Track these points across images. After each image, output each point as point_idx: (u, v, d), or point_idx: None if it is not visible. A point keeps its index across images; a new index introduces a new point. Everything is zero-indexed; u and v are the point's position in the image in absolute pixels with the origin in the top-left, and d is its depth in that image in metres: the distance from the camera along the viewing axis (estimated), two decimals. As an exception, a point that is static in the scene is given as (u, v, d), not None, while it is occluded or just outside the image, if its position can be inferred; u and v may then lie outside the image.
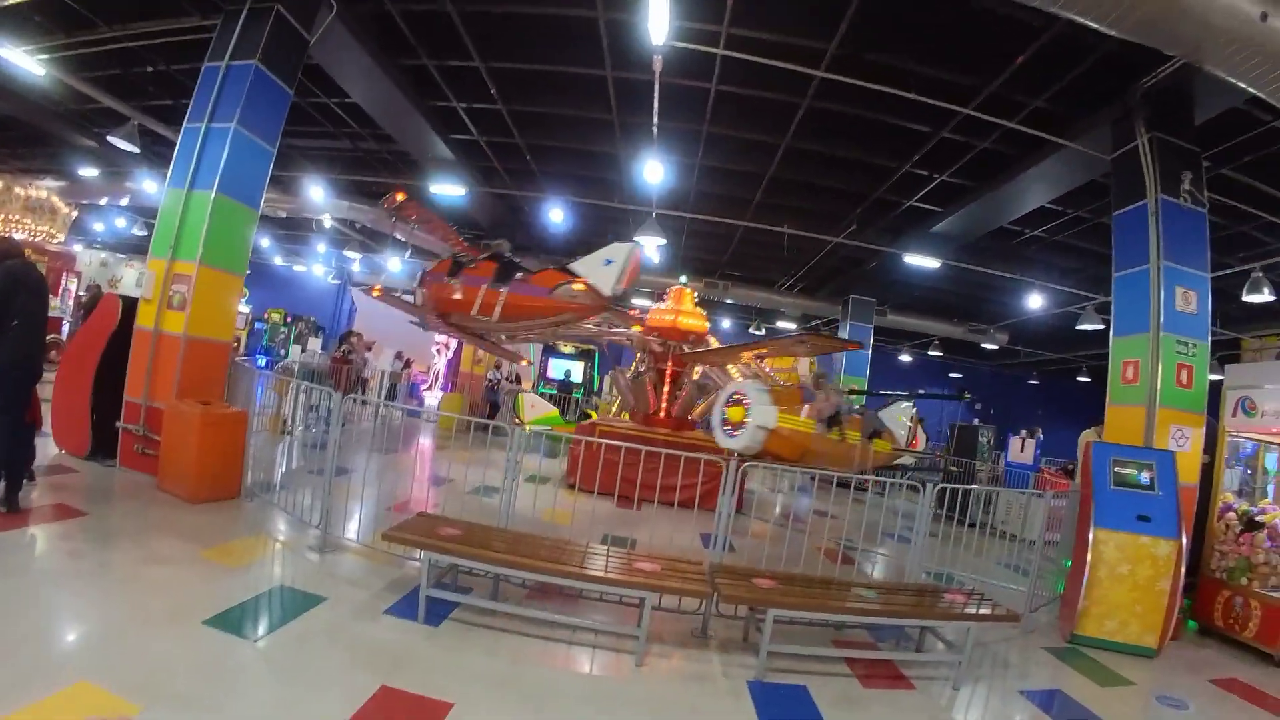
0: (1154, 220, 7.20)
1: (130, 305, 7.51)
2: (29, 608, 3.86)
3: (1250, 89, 6.10)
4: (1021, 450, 14.11)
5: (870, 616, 4.95)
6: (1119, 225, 7.77)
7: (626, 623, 4.54)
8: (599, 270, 7.36)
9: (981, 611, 4.84)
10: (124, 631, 3.77)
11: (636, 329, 11.55)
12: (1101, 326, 14.39)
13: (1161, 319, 7.06)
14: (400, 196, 8.44)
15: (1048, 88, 8.25)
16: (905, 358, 28.56)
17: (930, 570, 7.42)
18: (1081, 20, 5.70)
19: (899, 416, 10.68)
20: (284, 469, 8.42)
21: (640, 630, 4.44)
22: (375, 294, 9.08)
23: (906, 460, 11.20)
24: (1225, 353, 16.11)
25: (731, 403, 7.66)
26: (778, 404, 7.71)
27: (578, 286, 7.29)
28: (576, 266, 7.55)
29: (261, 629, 4.09)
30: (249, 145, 7.63)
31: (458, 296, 7.80)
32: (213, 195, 7.32)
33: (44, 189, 16.88)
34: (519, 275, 7.73)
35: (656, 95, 8.76)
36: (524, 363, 16.54)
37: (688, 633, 5.03)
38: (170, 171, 7.72)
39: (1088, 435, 9.79)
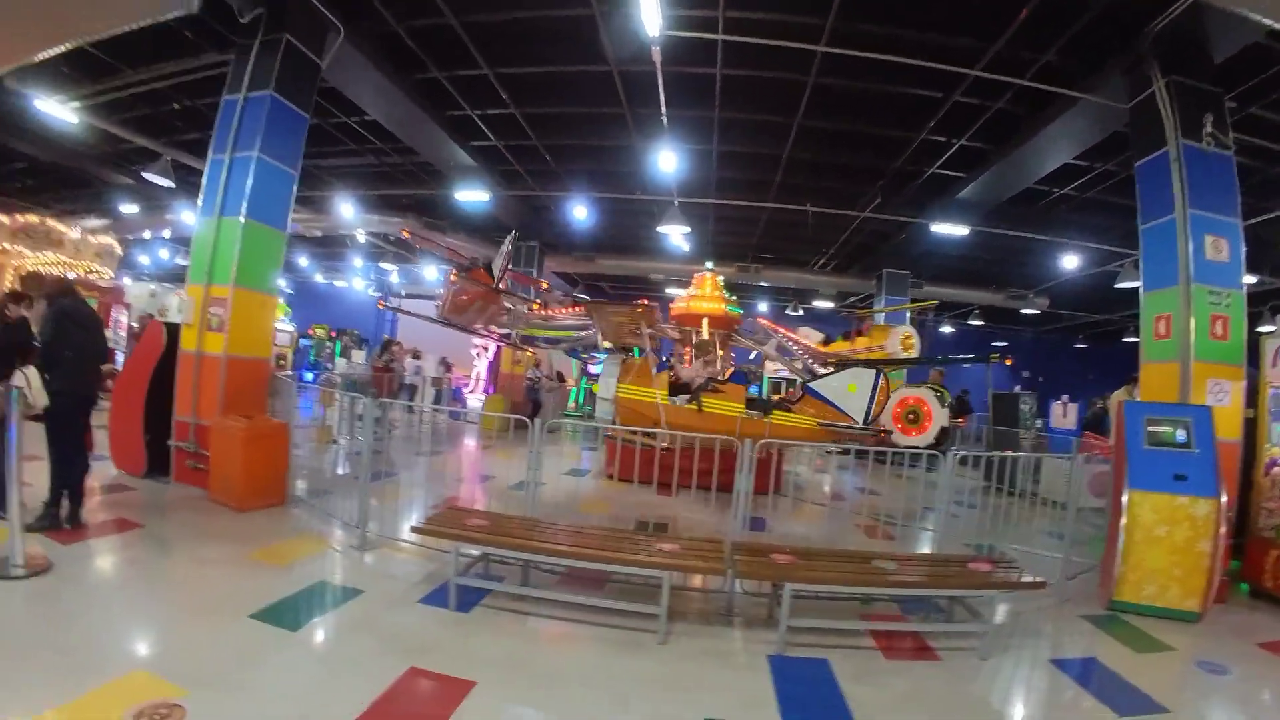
0: (1176, 167, 6.97)
1: (174, 331, 7.93)
2: (92, 607, 4.26)
3: (1266, 20, 5.90)
4: (1064, 416, 13.80)
5: (888, 588, 4.98)
6: (1141, 175, 7.55)
7: (653, 604, 4.64)
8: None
9: (1004, 579, 4.80)
10: (176, 626, 4.17)
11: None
12: (1140, 284, 13.96)
13: (1191, 269, 6.84)
14: (405, 234, 9.18)
15: (1055, 41, 8.05)
16: (947, 329, 28.02)
17: (972, 542, 7.36)
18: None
19: (849, 386, 8.92)
20: (329, 475, 8.74)
21: (660, 609, 4.54)
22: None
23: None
24: (1278, 302, 15.52)
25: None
26: (625, 378, 8.44)
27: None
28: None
29: (302, 620, 4.38)
30: (272, 170, 7.94)
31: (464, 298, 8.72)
32: (241, 221, 7.66)
33: (99, 232, 17.67)
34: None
35: (661, 86, 8.81)
36: (529, 353, 16.96)
37: (713, 612, 5.12)
38: (200, 202, 8.11)
39: (1118, 395, 9.53)
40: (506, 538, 4.87)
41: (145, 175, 12.65)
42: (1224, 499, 5.69)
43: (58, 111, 10.71)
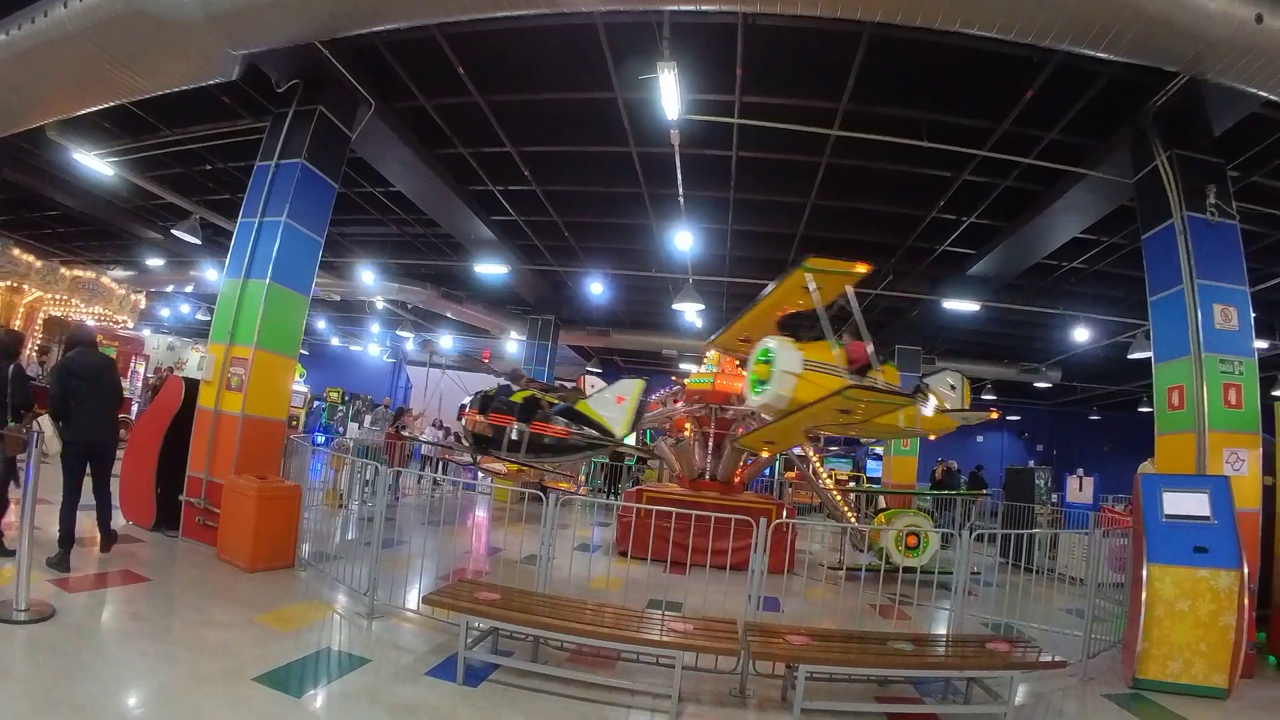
0: (1182, 239, 7.07)
1: (192, 386, 8.02)
2: (91, 659, 4.22)
3: (1261, 93, 6.08)
4: (1080, 490, 13.60)
5: (904, 669, 4.86)
6: (1149, 248, 7.65)
7: (665, 684, 4.54)
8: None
9: (1023, 660, 4.68)
10: (176, 685, 4.08)
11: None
12: (1151, 355, 13.93)
13: (1202, 339, 6.85)
14: (485, 357, 9.13)
15: (1059, 120, 8.30)
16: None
17: (989, 621, 7.20)
18: (1073, 49, 5.82)
19: (947, 379, 9.19)
20: (338, 540, 8.68)
21: (673, 689, 4.44)
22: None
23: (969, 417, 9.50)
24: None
25: (758, 362, 7.70)
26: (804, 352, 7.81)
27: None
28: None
29: (306, 687, 4.29)
30: (298, 236, 8.16)
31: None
32: (267, 284, 7.83)
33: (92, 269, 18.01)
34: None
35: (679, 167, 9.11)
36: None
37: (726, 693, 4.98)
38: (227, 262, 8.31)
39: (1145, 467, 9.40)
40: (518, 613, 4.79)
41: (174, 231, 13.01)
42: (1246, 570, 5.57)
43: (94, 164, 11.07)
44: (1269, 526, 6.61)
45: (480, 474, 12.91)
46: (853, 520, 11.25)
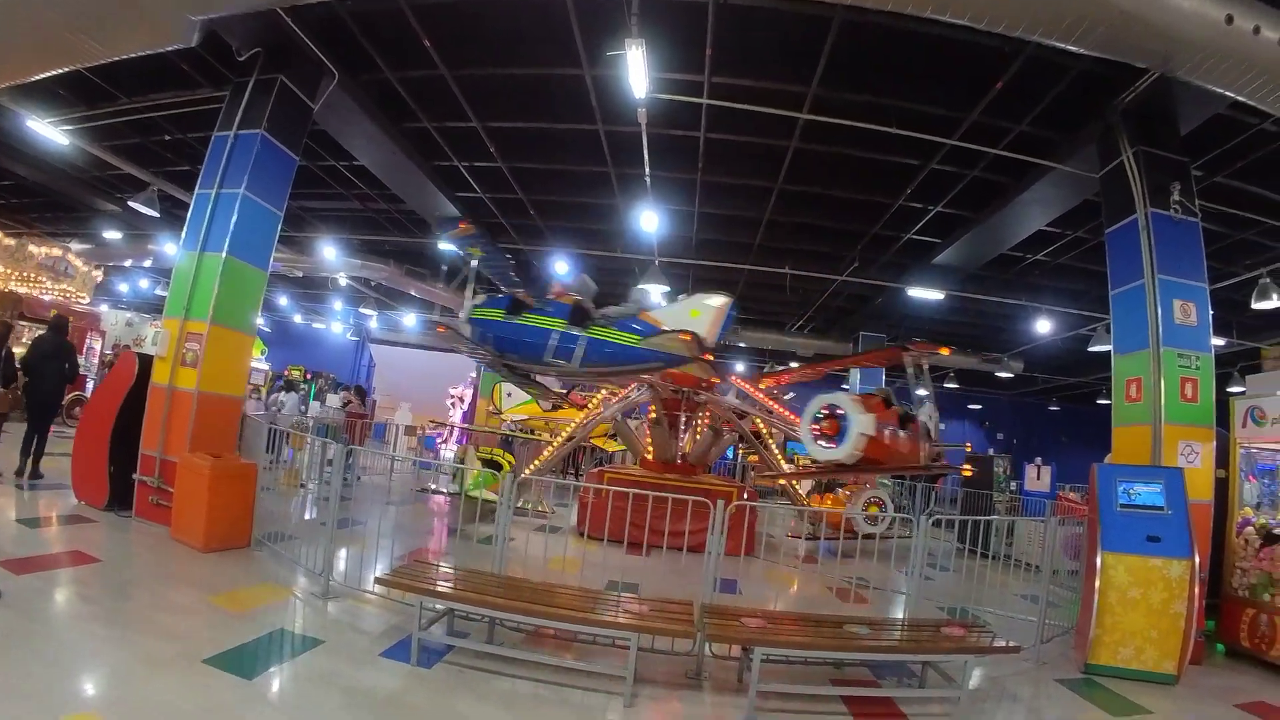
0: (1145, 234, 7.18)
1: (146, 362, 7.81)
2: (39, 643, 4.08)
3: (1229, 93, 6.16)
4: (1038, 478, 13.87)
5: (859, 653, 4.90)
6: (1112, 242, 7.76)
7: (621, 666, 4.51)
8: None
9: (977, 644, 4.74)
10: (129, 669, 3.98)
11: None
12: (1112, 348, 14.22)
13: (1161, 333, 6.99)
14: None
15: (1029, 112, 8.36)
16: (921, 392, 28.24)
17: (946, 606, 7.31)
18: (1044, 40, 5.84)
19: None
20: (295, 520, 8.53)
21: (627, 672, 4.42)
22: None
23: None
24: (1246, 363, 15.83)
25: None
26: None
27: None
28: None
29: (259, 669, 4.20)
30: (257, 209, 7.94)
31: (905, 451, 7.89)
32: (223, 258, 7.62)
33: (57, 247, 17.49)
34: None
35: (645, 147, 9.01)
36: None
37: (682, 674, 4.97)
38: (183, 235, 8.06)
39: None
40: (473, 594, 4.74)
41: (131, 203, 12.65)
42: (1197, 559, 5.71)
43: (49, 132, 10.71)
44: (1220, 518, 6.80)
45: (438, 454, 12.81)
46: (806, 503, 11.42)
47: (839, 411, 7.54)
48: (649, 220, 11.21)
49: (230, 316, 7.78)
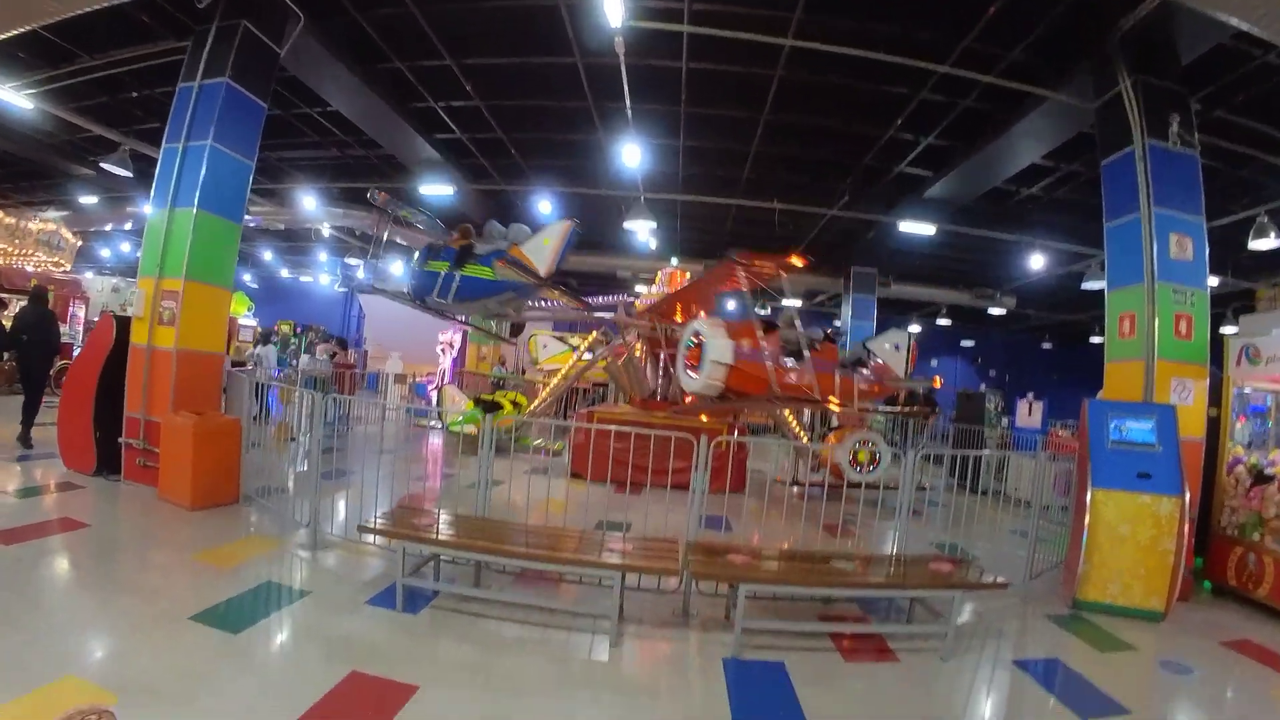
0: (1142, 166, 6.97)
1: (124, 324, 7.70)
2: (29, 611, 4.07)
3: (1233, 20, 5.88)
4: (1030, 414, 13.91)
5: (845, 588, 4.90)
6: (1108, 174, 7.54)
7: (607, 605, 4.51)
8: (893, 355, 8.57)
9: (966, 580, 4.74)
10: (113, 629, 3.99)
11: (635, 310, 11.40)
12: (1104, 283, 14.10)
13: (1156, 268, 6.83)
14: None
15: (1023, 38, 8.04)
16: (914, 328, 28.17)
17: (937, 541, 7.33)
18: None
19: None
20: (286, 474, 8.50)
21: (612, 611, 4.43)
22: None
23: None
24: (1240, 304, 15.77)
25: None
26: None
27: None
28: (875, 348, 8.61)
29: (244, 622, 4.20)
30: (227, 161, 7.70)
31: (801, 382, 8.19)
32: (194, 212, 7.42)
33: (52, 222, 17.26)
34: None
35: (625, 78, 8.68)
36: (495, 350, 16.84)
37: (669, 613, 4.99)
38: (153, 192, 7.83)
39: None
40: (455, 538, 4.74)
41: (103, 165, 12.29)
42: (1187, 497, 5.69)
43: (12, 98, 10.40)
44: (1210, 456, 6.75)
45: (430, 402, 12.75)
46: (804, 439, 11.35)
47: (700, 339, 7.51)
48: (632, 155, 10.90)
49: (205, 271, 7.60)
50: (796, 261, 7.51)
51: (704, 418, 10.10)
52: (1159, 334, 6.77)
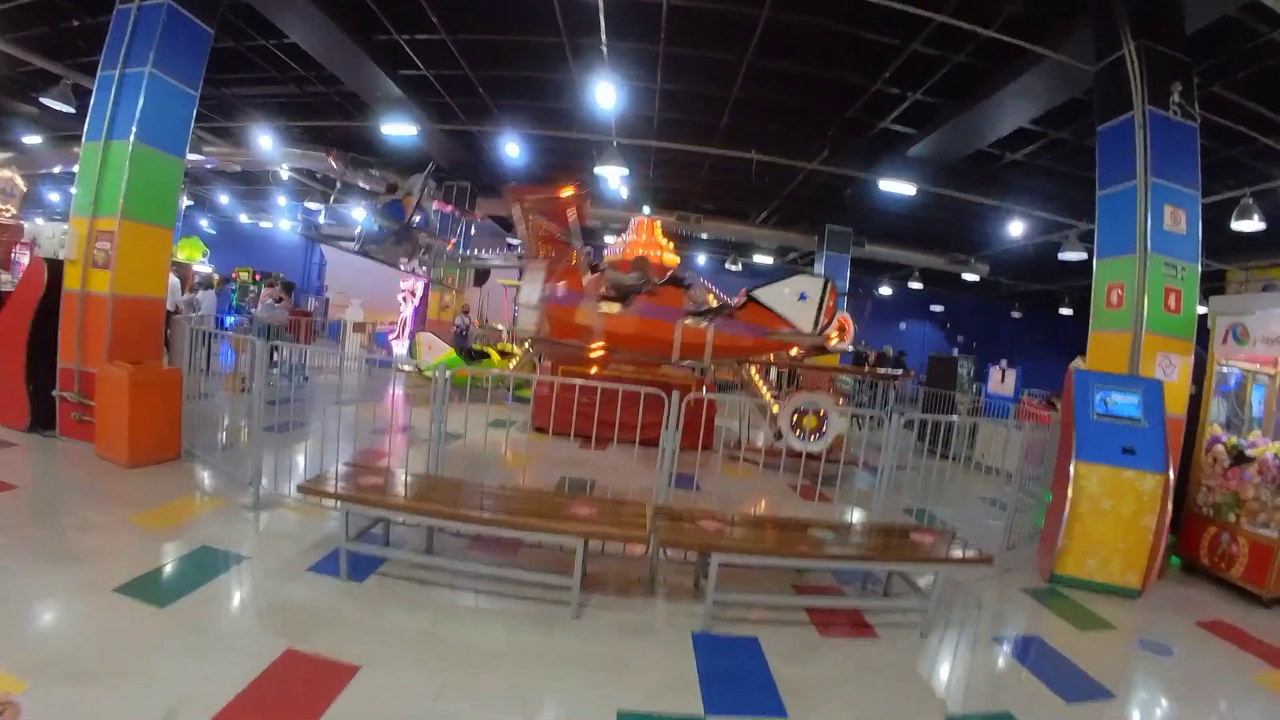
0: (1141, 133, 6.71)
1: (57, 268, 7.12)
2: None
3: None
4: (1002, 381, 13.84)
5: (824, 561, 4.66)
6: (1103, 140, 7.27)
7: (567, 572, 4.22)
8: (794, 305, 7.65)
9: (951, 554, 4.53)
10: (30, 605, 3.59)
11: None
12: (1084, 255, 13.99)
13: (1149, 239, 6.63)
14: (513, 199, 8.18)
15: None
16: (885, 290, 28.12)
17: (908, 507, 7.22)
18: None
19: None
20: (232, 426, 8.07)
21: (574, 580, 4.14)
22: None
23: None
24: (1209, 285, 15.79)
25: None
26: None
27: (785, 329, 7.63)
28: (764, 296, 7.74)
29: (173, 594, 3.85)
30: (168, 89, 7.09)
31: (628, 331, 7.68)
32: (130, 144, 6.85)
33: (9, 170, 16.34)
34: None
35: (602, 10, 8.14)
36: (459, 299, 16.58)
37: (635, 581, 4.74)
38: (87, 124, 7.22)
39: (1077, 364, 9.43)
40: (403, 501, 4.37)
41: (43, 100, 11.49)
42: (1172, 474, 5.57)
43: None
44: (1189, 434, 6.64)
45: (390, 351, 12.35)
46: (769, 398, 11.05)
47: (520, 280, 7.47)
48: (606, 95, 10.35)
49: (143, 210, 7.02)
50: (568, 192, 7.29)
51: (669, 372, 9.80)
52: (1149, 307, 6.59)
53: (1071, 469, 5.60)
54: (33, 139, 16.55)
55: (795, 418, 7.75)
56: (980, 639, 4.54)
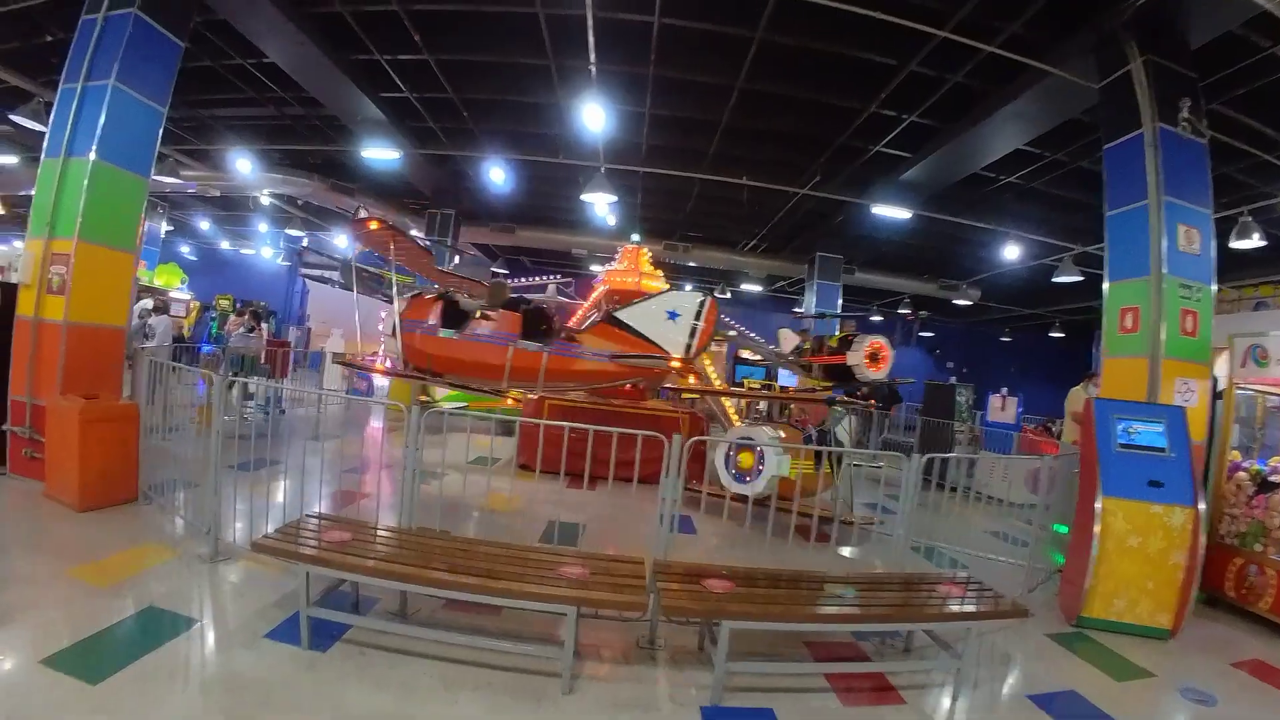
0: (1152, 151, 6.51)
1: (10, 293, 6.68)
2: None
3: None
4: (1002, 409, 13.54)
5: (848, 624, 4.27)
6: (1111, 159, 7.08)
7: (557, 639, 3.78)
8: (661, 325, 6.51)
9: (983, 609, 4.11)
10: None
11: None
12: (1079, 279, 13.81)
13: (1165, 261, 6.38)
14: (373, 224, 7.23)
15: (1025, 10, 7.46)
16: (875, 318, 27.91)
17: (916, 544, 6.75)
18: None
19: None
20: (198, 466, 7.54)
21: (564, 651, 3.67)
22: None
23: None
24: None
25: None
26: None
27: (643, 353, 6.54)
28: (627, 317, 6.73)
29: (108, 668, 3.36)
30: (132, 104, 6.74)
31: (464, 356, 7.06)
32: (91, 162, 6.47)
33: None
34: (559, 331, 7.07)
35: (590, 28, 7.84)
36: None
37: (632, 644, 4.27)
38: (46, 140, 6.82)
39: (1077, 392, 9.12)
40: (370, 560, 3.88)
41: (13, 117, 11.05)
42: (1201, 507, 5.22)
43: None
44: (1207, 461, 6.34)
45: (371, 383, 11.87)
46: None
47: None
48: (594, 118, 10.03)
49: (103, 232, 6.60)
50: (369, 224, 6.99)
51: (658, 404, 9.36)
52: (1166, 330, 6.31)
53: (1098, 505, 5.24)
54: (7, 158, 15.96)
55: (730, 452, 7.34)
56: (1015, 699, 4.12)
